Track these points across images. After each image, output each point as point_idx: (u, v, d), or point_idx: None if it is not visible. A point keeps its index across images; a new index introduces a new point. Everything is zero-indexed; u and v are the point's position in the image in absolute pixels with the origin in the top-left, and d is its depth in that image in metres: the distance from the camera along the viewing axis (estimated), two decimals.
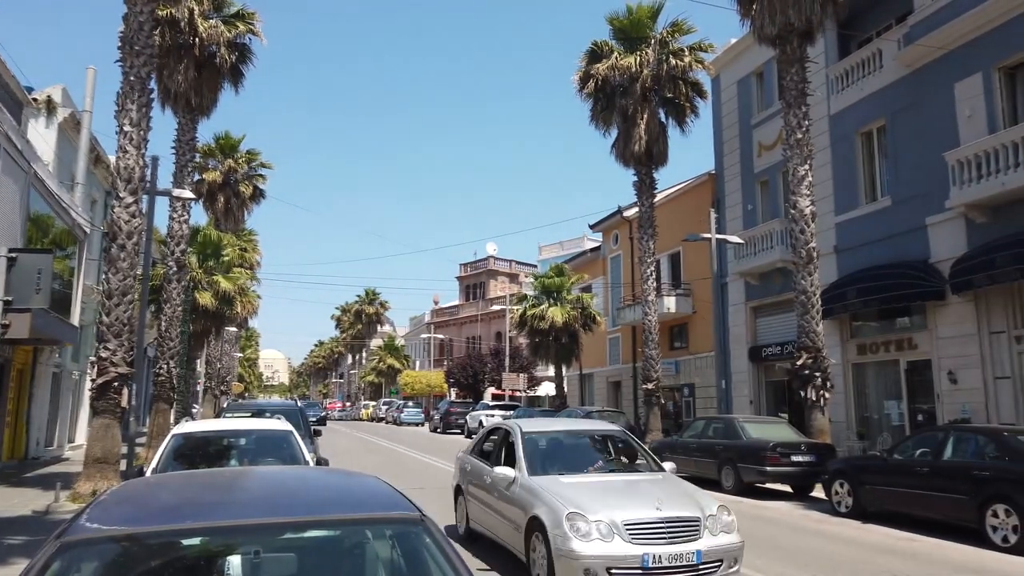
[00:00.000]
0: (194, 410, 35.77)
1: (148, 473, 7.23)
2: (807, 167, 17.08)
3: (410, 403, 57.00)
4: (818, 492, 14.18)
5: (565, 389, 37.04)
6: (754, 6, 17.40)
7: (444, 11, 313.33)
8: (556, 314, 33.49)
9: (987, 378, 16.13)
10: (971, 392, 16.41)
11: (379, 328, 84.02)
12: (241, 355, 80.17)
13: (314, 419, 31.40)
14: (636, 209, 26.95)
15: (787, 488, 15.16)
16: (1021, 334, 15.63)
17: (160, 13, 18.61)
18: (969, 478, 10.05)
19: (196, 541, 2.74)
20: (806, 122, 17.25)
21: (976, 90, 16.70)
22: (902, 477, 11.30)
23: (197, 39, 20.76)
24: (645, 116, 24.08)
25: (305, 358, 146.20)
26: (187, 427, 8.64)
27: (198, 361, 39.20)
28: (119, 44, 14.33)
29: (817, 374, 16.35)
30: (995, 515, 9.55)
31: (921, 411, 18.04)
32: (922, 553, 9.39)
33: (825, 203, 20.45)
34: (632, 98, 24.12)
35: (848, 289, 19.21)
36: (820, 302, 16.96)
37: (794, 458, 14.49)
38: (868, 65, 19.90)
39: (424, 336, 69.95)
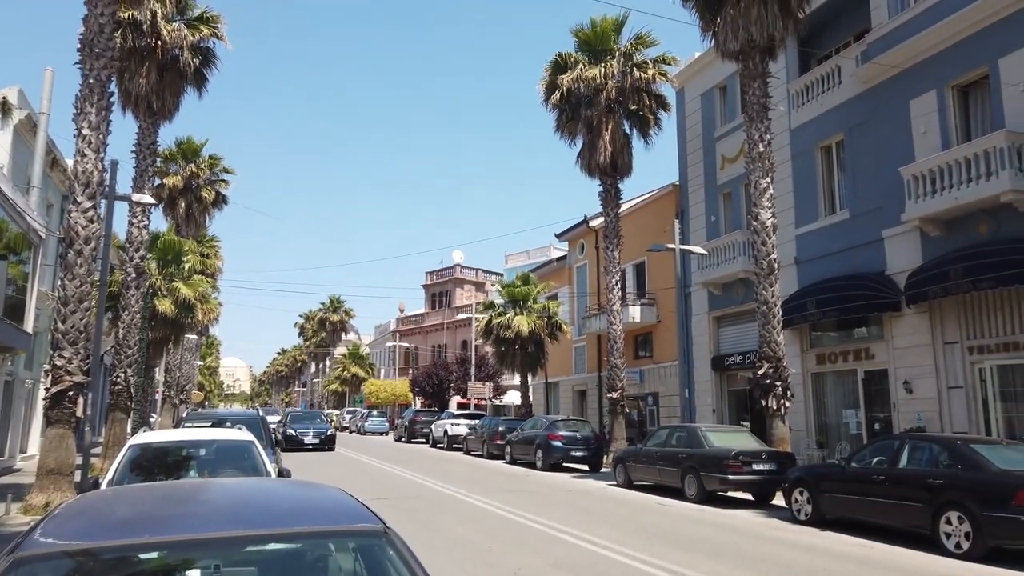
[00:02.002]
0: (152, 420, 35.03)
1: (104, 485, 7.05)
2: (768, 180, 17.40)
3: (374, 412, 56.46)
4: (779, 500, 14.41)
5: (531, 398, 37.06)
6: (717, 21, 17.71)
7: (412, 17, 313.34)
8: (522, 323, 33.54)
9: (941, 387, 16.55)
10: (926, 401, 16.82)
11: (343, 336, 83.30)
12: (201, 363, 78.71)
13: (317, 434, 30.26)
14: (602, 219, 27.17)
15: (749, 496, 15.38)
16: (973, 345, 16.07)
17: (122, 15, 18.30)
18: (923, 486, 10.30)
19: (154, 556, 2.69)
20: (768, 136, 17.57)
21: (930, 107, 17.20)
22: (859, 485, 11.53)
23: (159, 42, 20.45)
24: (610, 127, 24.32)
25: (267, 366, 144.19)
26: (144, 437, 8.46)
27: (157, 369, 38.40)
28: (79, 46, 14.05)
29: (778, 383, 16.61)
30: (948, 522, 9.80)
31: (878, 420, 18.43)
32: (878, 560, 9.58)
33: (786, 215, 20.84)
34: (597, 109, 24.35)
35: (808, 300, 19.59)
36: (780, 312, 17.26)
37: (755, 466, 14.69)
38: (828, 81, 20.38)
39: (389, 344, 69.48)
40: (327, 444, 30.37)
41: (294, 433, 30.23)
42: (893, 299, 17.46)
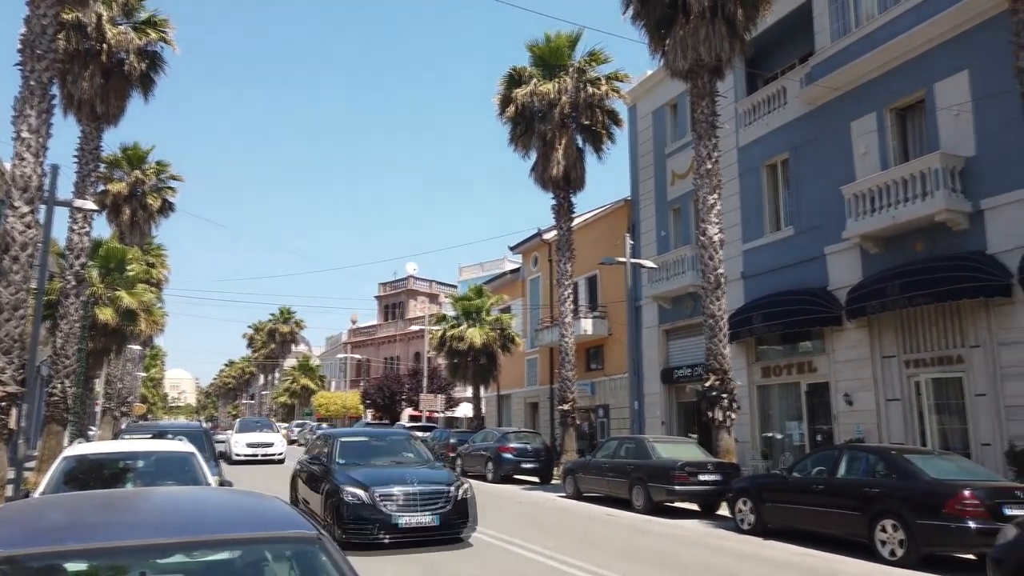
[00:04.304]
0: (91, 432, 33.91)
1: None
2: (716, 196, 17.77)
3: (324, 425, 55.64)
4: (724, 510, 14.64)
5: (483, 410, 36.98)
6: (667, 41, 18.06)
7: (364, 26, 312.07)
8: (475, 335, 33.51)
9: (879, 400, 17.08)
10: (865, 413, 17.32)
11: (294, 348, 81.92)
12: (145, 374, 76.60)
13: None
14: (555, 232, 27.38)
15: (695, 507, 15.58)
16: (910, 359, 16.63)
17: (66, 17, 17.88)
18: (860, 495, 10.59)
19: (82, 564, 2.63)
20: (716, 153, 17.97)
21: (870, 128, 17.84)
22: (800, 495, 11.79)
23: (105, 45, 20.01)
24: (563, 142, 24.57)
25: (214, 378, 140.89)
26: (80, 449, 8.22)
27: (97, 381, 37.24)
28: (20, 47, 13.69)
29: (724, 396, 16.90)
30: (883, 530, 10.09)
31: (820, 431, 18.90)
32: (818, 568, 9.81)
33: (733, 231, 21.30)
34: (551, 123, 24.58)
35: (754, 314, 20.03)
36: (727, 326, 17.60)
37: (701, 477, 14.91)
38: (773, 101, 20.97)
39: (340, 356, 68.61)
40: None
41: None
42: (834, 314, 17.97)
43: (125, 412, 44.38)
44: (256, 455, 27.90)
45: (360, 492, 10.12)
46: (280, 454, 28.61)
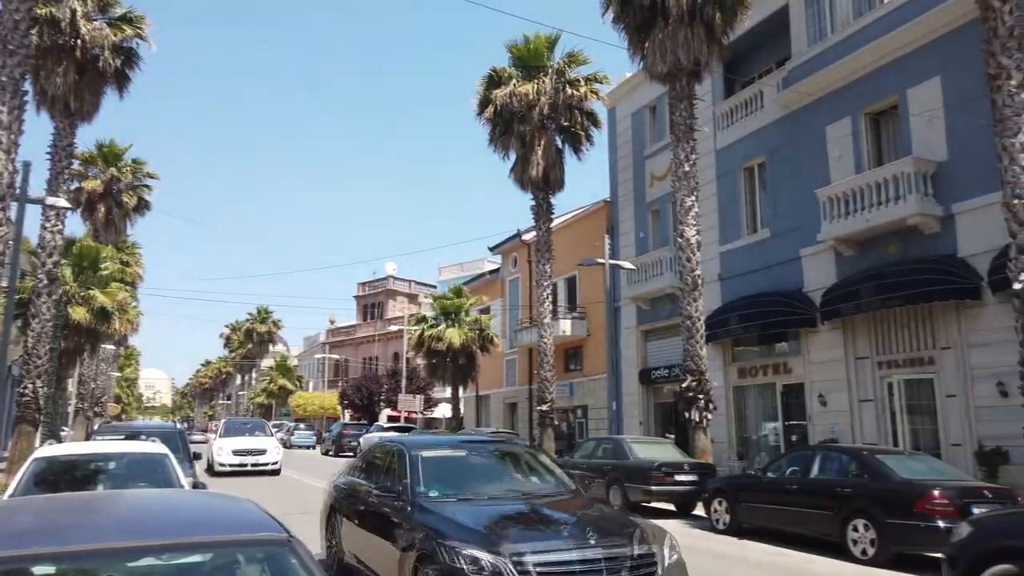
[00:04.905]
0: (63, 433, 33.40)
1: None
2: (694, 198, 17.92)
3: (302, 425, 55.29)
4: (700, 510, 14.75)
5: (462, 410, 36.97)
6: (646, 44, 18.18)
7: (343, 24, 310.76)
8: (454, 335, 33.49)
9: (853, 401, 17.30)
10: (839, 414, 17.54)
11: (271, 347, 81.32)
12: (119, 374, 75.59)
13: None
14: (534, 233, 27.43)
15: (672, 506, 15.69)
16: (883, 360, 16.87)
17: (39, 12, 17.64)
18: (833, 495, 10.73)
19: (50, 568, 2.61)
20: (693, 156, 18.12)
21: (845, 132, 18.08)
22: (775, 495, 11.92)
23: (79, 41, 19.76)
24: (542, 143, 24.62)
25: (190, 378, 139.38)
26: (50, 450, 8.10)
27: (70, 381, 36.71)
28: None
29: (700, 396, 17.05)
30: (855, 529, 10.23)
31: (795, 432, 19.11)
32: (790, 567, 9.93)
33: (711, 233, 21.47)
34: (530, 124, 24.62)
35: (730, 315, 20.21)
36: (704, 327, 17.75)
37: (678, 477, 15.02)
38: (751, 105, 21.17)
39: (319, 356, 68.19)
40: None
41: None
42: (810, 315, 18.18)
43: (98, 412, 43.79)
44: (245, 465, 22.77)
45: (485, 556, 5.34)
46: (275, 463, 23.53)
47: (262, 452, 23.30)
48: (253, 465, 22.88)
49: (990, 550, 6.10)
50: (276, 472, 23.15)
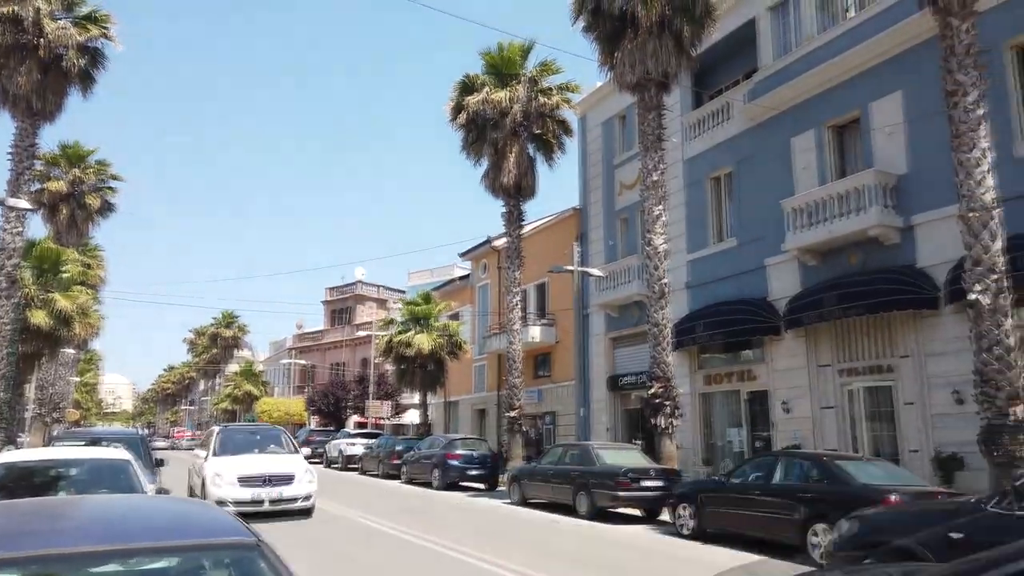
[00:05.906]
0: (20, 439, 32.61)
1: None
2: (662, 207, 18.14)
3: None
4: (666, 516, 14.88)
5: (430, 416, 36.85)
6: (616, 55, 18.38)
7: (315, 26, 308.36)
8: (423, 341, 33.39)
9: (815, 408, 17.62)
10: (802, 421, 17.86)
11: (236, 353, 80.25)
12: (79, 379, 73.95)
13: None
14: (505, 239, 27.50)
15: (639, 512, 15.81)
16: (844, 368, 17.22)
17: (2, 10, 17.33)
18: (794, 499, 10.93)
19: (13, 574, 2.58)
20: (662, 165, 18.35)
21: (809, 144, 18.45)
22: (738, 500, 12.08)
23: (43, 40, 19.45)
24: (515, 150, 24.73)
25: (152, 384, 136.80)
26: (9, 456, 7.95)
27: (28, 386, 35.87)
28: None
29: (667, 403, 17.23)
30: (815, 533, 10.42)
31: (760, 438, 19.39)
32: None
33: (678, 241, 21.74)
34: (503, 132, 24.72)
35: (697, 323, 20.46)
36: (671, 334, 17.95)
37: (644, 483, 15.14)
38: (718, 116, 21.51)
39: (285, 362, 67.38)
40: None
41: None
42: (774, 324, 18.49)
43: (57, 418, 42.80)
44: (260, 502, 13.73)
45: None
46: (307, 497, 14.35)
47: (287, 480, 14.18)
48: (273, 503, 13.87)
49: (870, 542, 6.94)
50: (308, 512, 14.40)
